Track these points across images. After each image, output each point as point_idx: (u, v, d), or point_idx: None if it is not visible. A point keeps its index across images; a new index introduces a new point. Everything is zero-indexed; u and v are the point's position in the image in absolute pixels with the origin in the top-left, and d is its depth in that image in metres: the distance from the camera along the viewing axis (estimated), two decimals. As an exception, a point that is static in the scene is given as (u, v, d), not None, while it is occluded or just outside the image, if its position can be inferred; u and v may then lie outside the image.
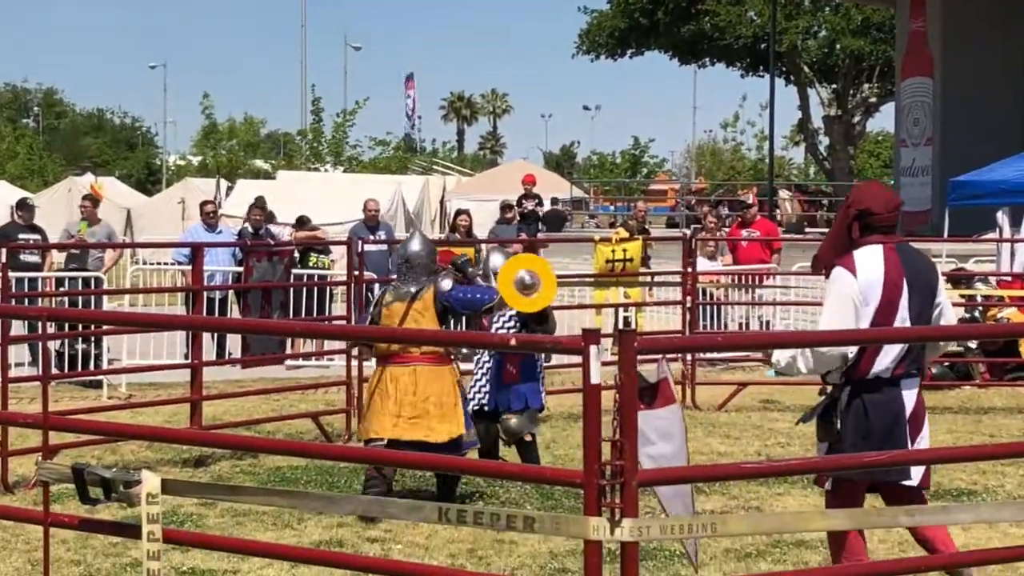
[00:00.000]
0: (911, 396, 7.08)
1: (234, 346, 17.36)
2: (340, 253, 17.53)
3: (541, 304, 10.80)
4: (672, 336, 9.87)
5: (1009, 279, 18.12)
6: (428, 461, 7.79)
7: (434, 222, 36.83)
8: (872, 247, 7.05)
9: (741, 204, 23.14)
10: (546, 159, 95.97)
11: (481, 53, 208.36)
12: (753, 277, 19.57)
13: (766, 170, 48.42)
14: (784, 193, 46.42)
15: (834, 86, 53.83)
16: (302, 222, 20.95)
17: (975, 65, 30.13)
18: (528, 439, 11.58)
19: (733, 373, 17.88)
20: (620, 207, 52.90)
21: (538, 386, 11.65)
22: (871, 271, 6.98)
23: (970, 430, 14.07)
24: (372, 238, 18.21)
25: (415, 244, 10.99)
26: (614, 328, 16.47)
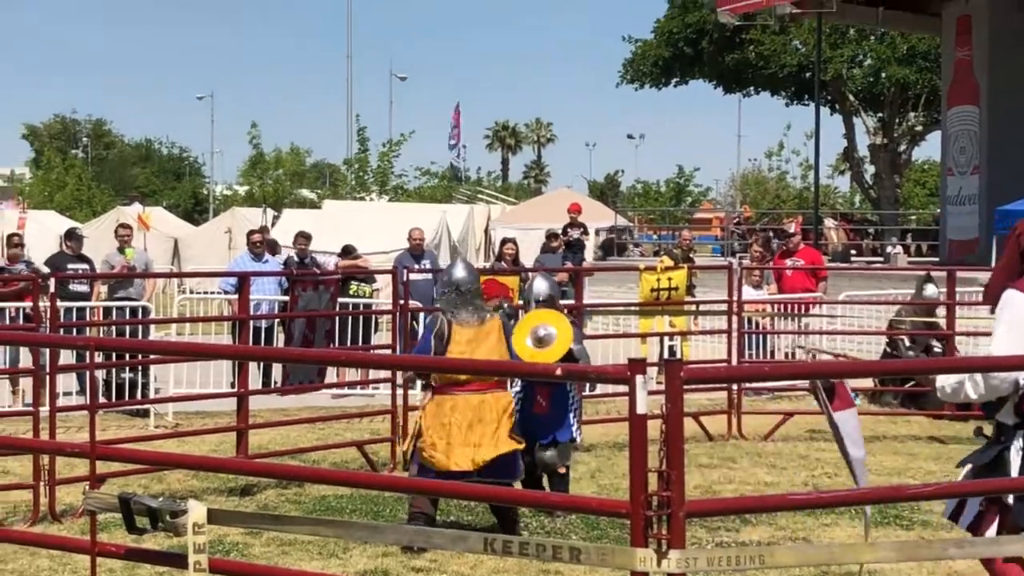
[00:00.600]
0: None
1: (280, 375, 17.41)
2: (385, 282, 17.58)
3: (559, 354, 10.79)
4: (720, 366, 9.81)
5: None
6: (476, 491, 7.77)
7: (479, 251, 36.91)
8: None
9: (783, 233, 23.07)
10: (590, 188, 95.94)
11: (526, 82, 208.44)
12: (798, 306, 19.50)
13: (811, 199, 48.22)
14: (829, 222, 46.19)
15: (880, 115, 53.60)
16: (347, 251, 21.02)
17: (1022, 93, 29.97)
18: (561, 471, 11.55)
19: (779, 402, 17.81)
20: (664, 236, 52.83)
21: (569, 418, 11.60)
22: None
23: None
24: (417, 267, 18.24)
25: (461, 271, 10.95)
26: (659, 357, 16.46)
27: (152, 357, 14.70)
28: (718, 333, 17.13)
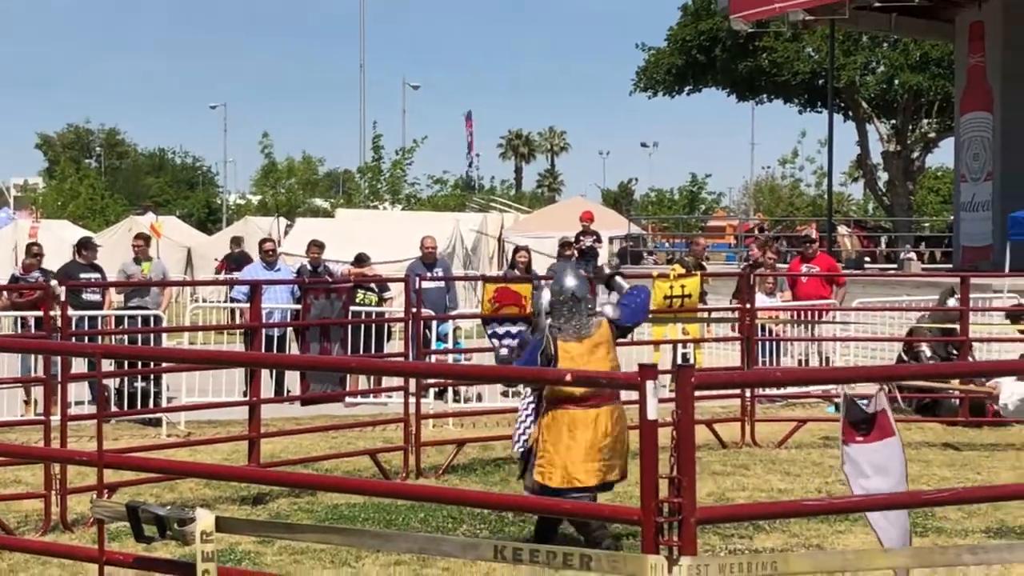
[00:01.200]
0: None
1: (292, 384, 17.40)
2: (398, 290, 17.56)
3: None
4: (731, 371, 9.75)
5: (1071, 314, 17.93)
6: (490, 499, 7.74)
7: (492, 259, 36.87)
8: None
9: (804, 239, 23.00)
10: (604, 196, 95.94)
11: (539, 91, 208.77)
12: (812, 313, 19.44)
13: (824, 206, 48.13)
14: (843, 229, 46.16)
15: (893, 122, 53.51)
16: (360, 259, 21.02)
17: (1035, 99, 29.92)
18: None
19: (793, 409, 17.75)
20: (678, 244, 52.76)
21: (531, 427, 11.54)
22: None
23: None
24: (429, 275, 18.22)
25: (573, 279, 10.40)
26: (672, 365, 16.41)
27: (164, 365, 14.68)
28: (731, 340, 17.08)
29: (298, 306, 16.20)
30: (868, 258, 44.02)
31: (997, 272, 22.56)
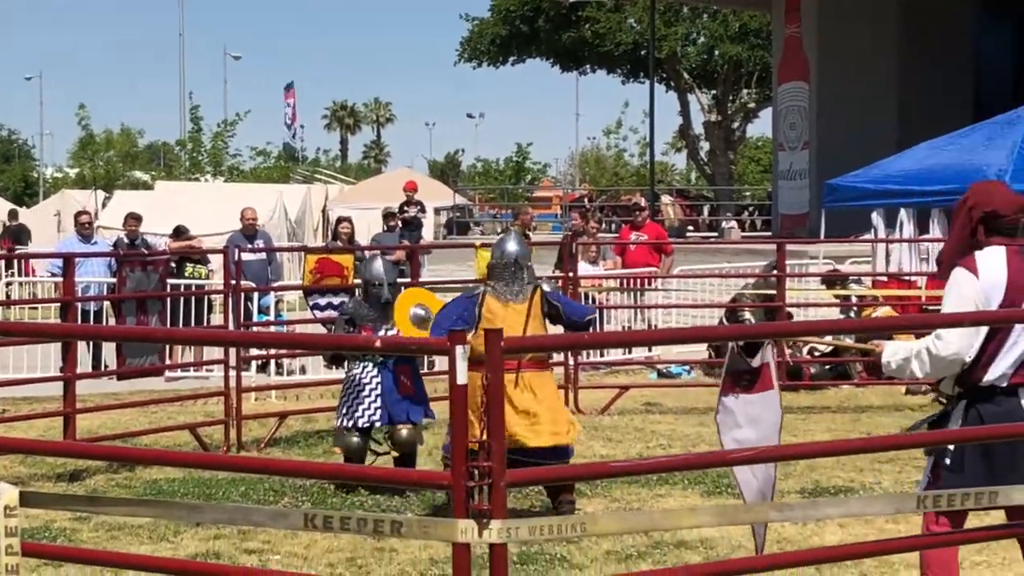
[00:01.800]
0: None
1: (110, 359, 17.10)
2: (219, 263, 17.35)
3: None
4: (539, 336, 9.80)
5: (884, 279, 18.37)
6: (307, 468, 7.69)
7: (317, 230, 36.64)
8: (995, 248, 6.76)
9: (633, 207, 23.20)
10: (431, 167, 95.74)
11: (364, 62, 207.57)
12: (635, 281, 19.65)
13: (648, 176, 48.66)
14: (666, 198, 46.72)
15: (714, 92, 54.31)
16: (179, 232, 20.71)
17: (849, 69, 30.49)
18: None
19: (616, 376, 17.95)
20: (505, 214, 52.93)
21: (426, 395, 11.68)
22: (994, 273, 6.69)
23: (848, 428, 14.23)
24: (250, 247, 18.03)
25: (515, 244, 10.59)
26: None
27: (-26, 341, 14.32)
28: (553, 308, 17.15)
29: (115, 279, 15.92)
30: (691, 227, 44.62)
31: (813, 239, 23.01)
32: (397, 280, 12.68)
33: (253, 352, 15.28)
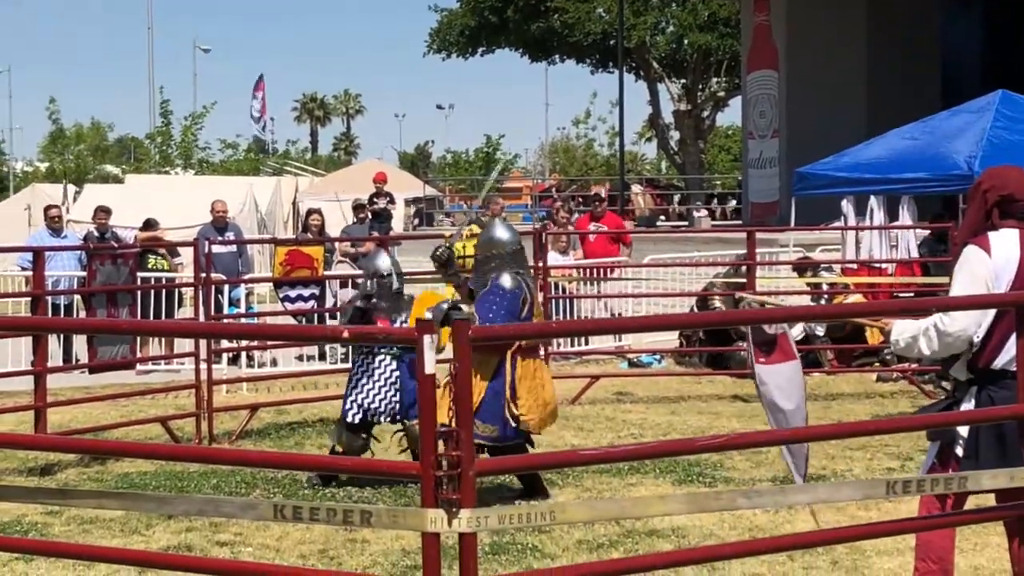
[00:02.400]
0: None
1: (81, 353, 17.04)
2: (189, 256, 17.30)
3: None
4: (507, 325, 9.83)
5: (854, 267, 18.44)
6: (278, 459, 7.70)
7: (287, 223, 36.54)
8: (1008, 231, 6.79)
9: (594, 198, 23.23)
10: (401, 159, 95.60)
11: (333, 54, 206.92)
12: (603, 270, 19.67)
13: (618, 165, 48.73)
14: (636, 188, 46.80)
15: (683, 81, 54.30)
16: (149, 224, 20.65)
17: (818, 57, 30.62)
18: None
19: (587, 366, 17.97)
20: (475, 205, 52.91)
21: None
22: (1006, 252, 6.72)
23: (819, 416, 14.25)
24: (220, 239, 17.99)
25: (507, 231, 10.92)
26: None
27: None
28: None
29: (85, 273, 15.88)
30: (662, 216, 44.70)
31: (783, 227, 23.08)
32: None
33: (224, 344, 15.26)
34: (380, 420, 11.37)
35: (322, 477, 11.03)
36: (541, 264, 16.11)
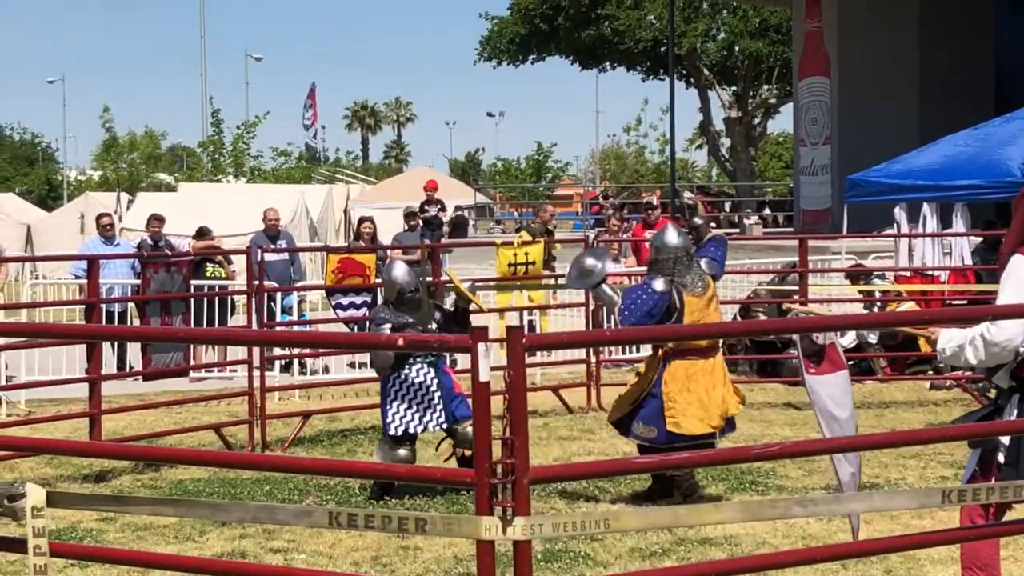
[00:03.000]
0: None
1: (135, 360, 17.15)
2: (242, 264, 17.40)
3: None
4: (560, 332, 9.85)
5: (907, 274, 18.33)
6: (331, 467, 7.71)
7: (338, 231, 36.67)
8: None
9: (646, 205, 23.20)
10: (451, 166, 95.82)
11: (384, 62, 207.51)
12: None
13: (669, 172, 48.71)
14: (687, 194, 46.71)
15: (734, 88, 54.23)
16: (202, 233, 20.75)
17: (870, 63, 30.47)
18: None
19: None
20: (525, 213, 52.98)
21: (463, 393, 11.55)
22: None
23: (872, 424, 14.18)
24: (273, 247, 18.08)
25: (677, 237, 11.08)
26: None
27: (0, 343, 14.39)
28: (575, 307, 17.17)
29: (138, 281, 15.99)
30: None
31: (835, 234, 22.96)
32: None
33: (276, 352, 15.33)
34: (425, 428, 11.30)
35: (377, 489, 11.02)
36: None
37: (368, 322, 12.21)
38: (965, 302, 17.13)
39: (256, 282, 14.22)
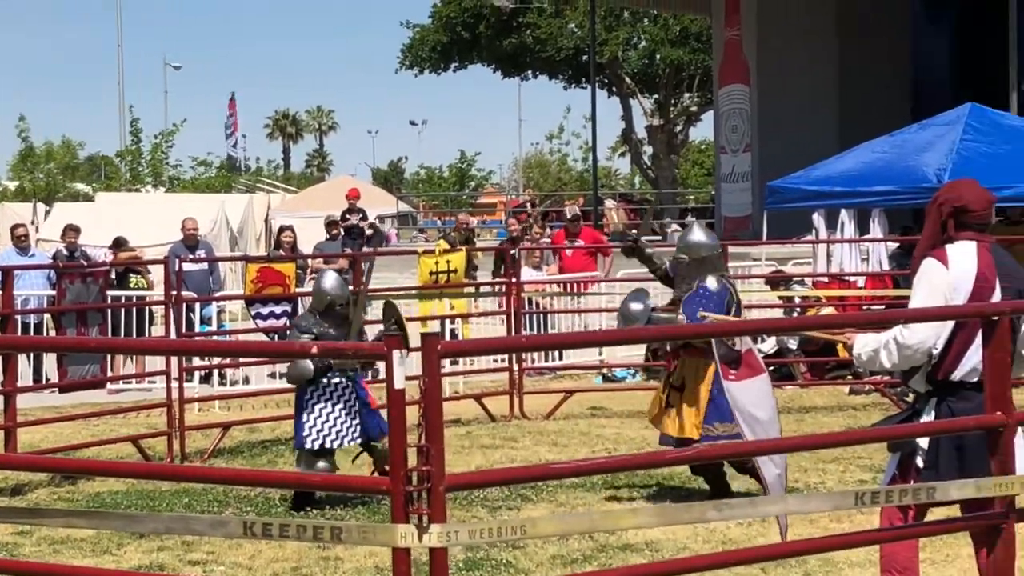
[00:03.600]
0: None
1: (52, 372, 16.95)
2: (160, 274, 17.25)
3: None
4: (476, 339, 9.83)
5: (825, 280, 18.46)
6: (249, 477, 7.65)
7: (259, 240, 36.48)
8: (965, 243, 6.80)
9: (572, 219, 23.23)
10: (374, 175, 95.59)
11: (305, 70, 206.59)
12: (577, 285, 19.66)
13: (592, 180, 48.84)
14: (610, 202, 46.84)
15: (656, 96, 54.43)
16: (119, 244, 20.57)
17: (789, 70, 30.65)
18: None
19: (561, 381, 17.95)
20: (448, 221, 52.96)
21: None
22: (964, 264, 6.73)
23: (793, 429, 14.25)
24: (191, 257, 17.94)
25: (709, 236, 11.39)
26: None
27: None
28: (498, 314, 17.16)
29: (54, 292, 15.81)
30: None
31: (756, 241, 23.09)
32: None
33: (196, 362, 15.19)
34: (342, 444, 11.13)
35: (298, 500, 10.87)
36: (514, 279, 16.13)
37: (288, 330, 12.12)
38: (883, 307, 17.29)
39: (174, 292, 14.10)
